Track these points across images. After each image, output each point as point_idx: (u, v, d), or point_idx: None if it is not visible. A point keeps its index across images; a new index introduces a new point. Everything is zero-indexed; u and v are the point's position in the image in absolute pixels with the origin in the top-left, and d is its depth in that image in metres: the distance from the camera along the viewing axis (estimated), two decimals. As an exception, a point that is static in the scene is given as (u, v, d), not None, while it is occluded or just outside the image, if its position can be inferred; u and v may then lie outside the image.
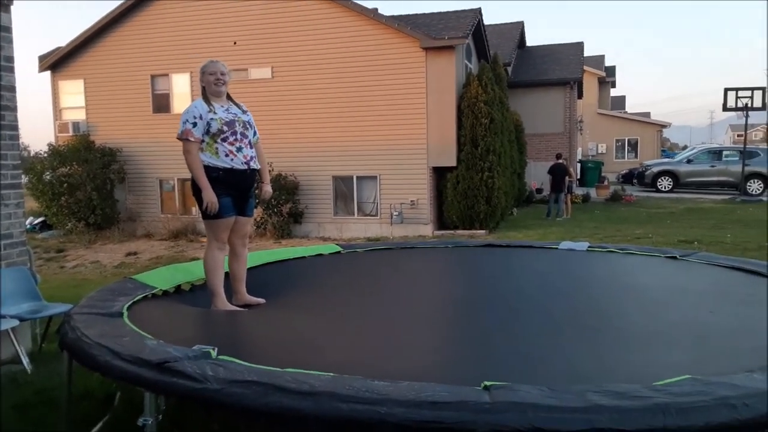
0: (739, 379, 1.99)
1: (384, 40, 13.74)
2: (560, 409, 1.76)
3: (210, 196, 3.66)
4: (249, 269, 4.28)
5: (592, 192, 20.97)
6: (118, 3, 15.42)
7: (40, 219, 16.74)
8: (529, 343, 2.86)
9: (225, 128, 3.71)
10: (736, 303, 3.51)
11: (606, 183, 22.58)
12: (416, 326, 3.21)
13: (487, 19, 17.53)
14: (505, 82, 17.01)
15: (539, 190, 20.41)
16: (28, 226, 16.92)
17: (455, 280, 4.57)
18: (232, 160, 3.74)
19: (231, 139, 3.74)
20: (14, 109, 5.30)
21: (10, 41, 5.22)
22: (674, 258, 4.82)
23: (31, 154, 17.67)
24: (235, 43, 14.56)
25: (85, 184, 14.86)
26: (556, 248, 5.55)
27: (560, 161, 16.10)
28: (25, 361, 4.76)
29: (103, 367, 2.29)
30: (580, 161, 25.73)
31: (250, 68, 14.58)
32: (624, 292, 3.88)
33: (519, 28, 22.88)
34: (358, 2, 13.87)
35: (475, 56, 16.35)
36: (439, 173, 14.32)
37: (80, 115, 16.18)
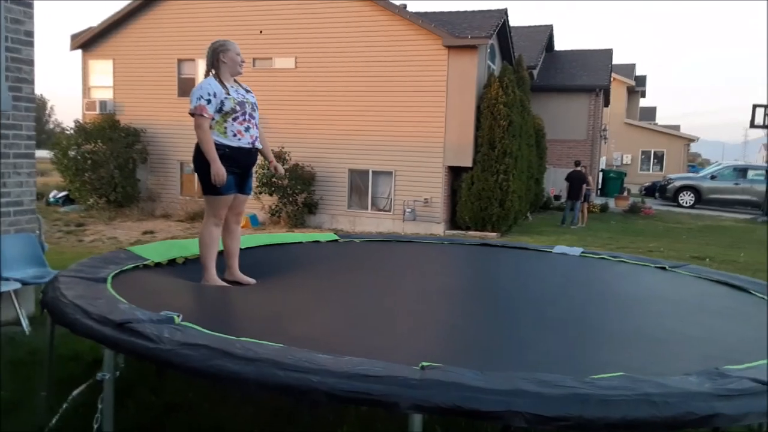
0: (673, 380, 2.04)
1: (407, 36, 13.81)
2: (483, 390, 1.84)
3: (218, 168, 3.75)
4: (247, 249, 4.41)
5: (611, 202, 20.78)
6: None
7: (64, 193, 17.18)
8: (490, 333, 2.93)
9: (237, 107, 3.83)
10: (709, 314, 3.52)
11: (626, 194, 22.34)
12: (388, 312, 3.30)
13: (516, 21, 17.49)
14: (528, 85, 16.94)
15: (557, 197, 20.28)
16: (52, 199, 17.41)
17: (439, 273, 4.63)
18: (239, 139, 3.86)
19: (241, 119, 3.86)
20: (31, 82, 5.51)
21: (31, 16, 5.43)
22: (663, 269, 4.82)
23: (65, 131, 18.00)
24: (261, 32, 14.76)
25: (109, 162, 15.21)
26: (550, 252, 5.59)
27: (578, 168, 16.00)
28: (24, 323, 4.98)
29: (71, 324, 2.44)
30: (603, 170, 25.47)
31: (274, 57, 14.79)
32: (599, 296, 3.92)
33: (548, 31, 22.71)
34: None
35: (499, 57, 16.31)
36: (455, 173, 14.35)
37: (108, 95, 16.56)
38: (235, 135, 3.85)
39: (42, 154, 26.70)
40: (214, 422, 3.30)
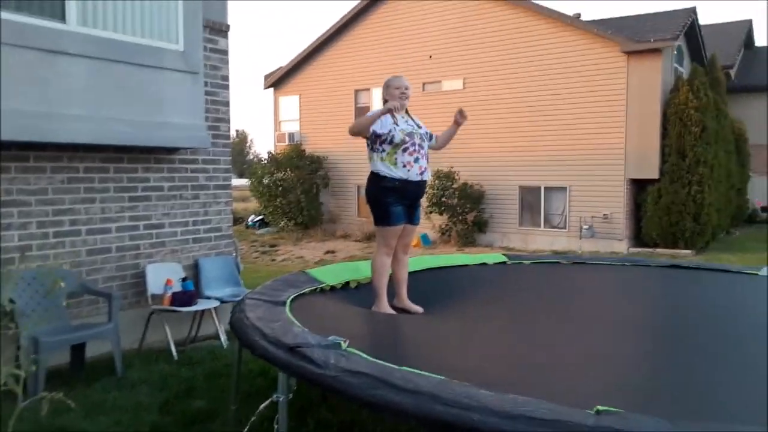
0: None
1: (580, 45, 13.18)
2: (668, 444, 1.61)
3: (385, 109, 3.84)
4: (412, 273, 4.46)
5: (839, 214, 17.62)
6: (329, 26, 17.04)
7: (260, 217, 19.05)
8: (676, 373, 2.59)
9: (407, 138, 3.95)
10: None
11: None
12: (558, 345, 3.08)
13: (707, 19, 15.78)
14: (725, 87, 15.14)
15: (765, 209, 17.74)
16: (250, 223, 19.39)
17: (617, 301, 4.23)
18: (408, 171, 3.94)
19: (411, 149, 3.95)
20: (227, 121, 6.19)
21: (226, 62, 6.12)
22: None
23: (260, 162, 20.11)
24: (430, 57, 15.11)
25: (296, 188, 16.57)
26: (756, 274, 4.84)
27: (793, 176, 13.85)
28: (222, 337, 5.54)
29: (251, 345, 2.63)
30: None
31: (443, 80, 15.03)
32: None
33: (745, 26, 20.13)
34: (550, 8, 13.52)
35: (688, 59, 14.82)
36: (638, 186, 13.27)
37: (295, 127, 18.14)
38: (404, 166, 3.93)
39: (243, 182, 30.06)
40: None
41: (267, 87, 18.66)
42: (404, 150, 3.93)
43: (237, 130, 61.43)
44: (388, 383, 2.04)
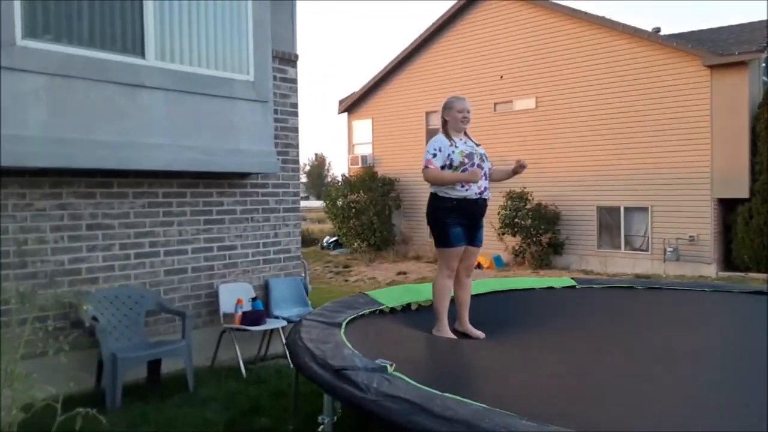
0: None
1: (659, 60, 12.67)
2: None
3: (463, 176, 3.86)
4: (476, 296, 4.42)
5: None
6: (401, 50, 17.32)
7: (334, 238, 19.42)
8: (750, 413, 2.42)
9: (465, 160, 3.95)
10: None
11: None
12: (617, 377, 2.96)
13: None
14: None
15: None
16: (325, 244, 19.82)
17: (690, 330, 3.98)
18: (467, 190, 3.94)
19: (470, 170, 3.95)
20: (296, 146, 6.42)
21: (295, 90, 6.37)
22: None
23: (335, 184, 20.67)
24: (501, 77, 15.00)
25: (368, 210, 16.78)
26: None
27: None
28: (289, 357, 5.68)
29: (301, 366, 2.70)
30: None
31: (514, 100, 14.86)
32: None
33: None
34: (625, 23, 13.10)
35: (778, 71, 13.89)
36: (727, 206, 12.49)
37: (368, 150, 18.47)
38: (462, 186, 3.92)
39: (321, 204, 30.71)
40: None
41: (341, 112, 19.16)
42: (463, 171, 3.93)
43: (316, 154, 63.35)
44: (426, 410, 2.04)
